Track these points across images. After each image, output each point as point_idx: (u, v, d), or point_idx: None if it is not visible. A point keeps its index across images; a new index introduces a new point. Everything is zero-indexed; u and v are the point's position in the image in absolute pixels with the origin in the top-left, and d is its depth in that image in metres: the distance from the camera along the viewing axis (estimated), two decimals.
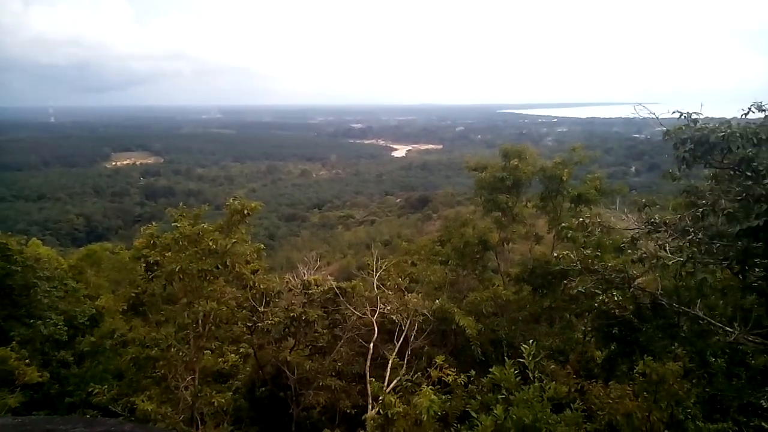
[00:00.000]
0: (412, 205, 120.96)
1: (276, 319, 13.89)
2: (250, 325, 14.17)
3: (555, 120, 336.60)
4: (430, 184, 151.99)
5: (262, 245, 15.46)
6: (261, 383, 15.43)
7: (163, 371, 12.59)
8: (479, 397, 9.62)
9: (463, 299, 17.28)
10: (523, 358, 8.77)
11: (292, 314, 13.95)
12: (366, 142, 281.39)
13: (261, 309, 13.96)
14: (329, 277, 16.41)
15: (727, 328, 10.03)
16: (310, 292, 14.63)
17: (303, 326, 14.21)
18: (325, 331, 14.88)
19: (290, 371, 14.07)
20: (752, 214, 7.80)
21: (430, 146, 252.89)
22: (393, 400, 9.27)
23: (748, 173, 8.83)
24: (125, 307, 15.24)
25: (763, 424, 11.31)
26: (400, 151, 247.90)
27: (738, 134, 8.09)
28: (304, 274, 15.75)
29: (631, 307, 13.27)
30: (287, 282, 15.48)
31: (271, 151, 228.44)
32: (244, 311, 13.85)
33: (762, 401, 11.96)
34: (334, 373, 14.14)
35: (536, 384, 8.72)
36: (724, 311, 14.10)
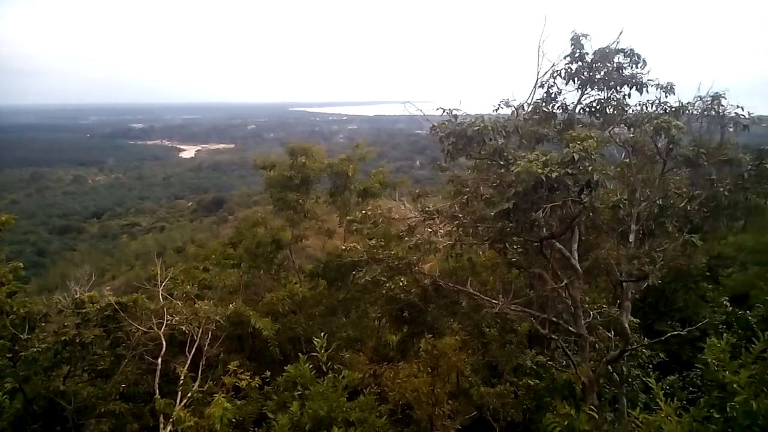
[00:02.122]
0: (206, 208, 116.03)
1: (44, 346, 12.24)
2: (10, 356, 12.28)
3: (345, 118, 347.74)
4: (224, 185, 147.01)
5: (22, 264, 13.52)
6: (32, 420, 13.46)
7: None
8: (276, 397, 9.55)
9: (260, 301, 17.01)
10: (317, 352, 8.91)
11: (63, 338, 12.40)
12: (149, 142, 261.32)
13: (24, 336, 12.17)
14: (108, 293, 14.92)
15: (494, 301, 11.28)
16: (84, 311, 13.12)
17: (78, 350, 12.71)
18: (106, 351, 13.51)
19: (66, 401, 12.50)
20: (505, 198, 8.78)
21: (222, 146, 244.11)
22: (183, 415, 8.74)
23: (501, 162, 9.97)
24: None
25: (529, 381, 12.95)
26: (189, 151, 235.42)
27: (489, 128, 9.06)
28: (76, 292, 14.09)
29: (415, 290, 14.27)
30: (57, 302, 13.72)
31: (35, 156, 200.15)
32: (1, 341, 11.96)
33: (528, 361, 13.70)
34: (119, 397, 12.92)
35: (330, 375, 8.92)
36: (494, 286, 15.84)
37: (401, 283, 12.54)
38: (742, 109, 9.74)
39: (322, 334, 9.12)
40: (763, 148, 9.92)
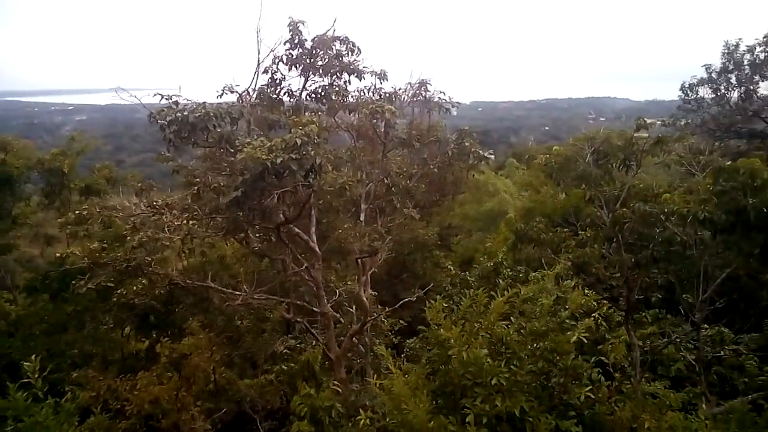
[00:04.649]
0: None
1: None
2: None
3: (71, 108, 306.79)
4: None
5: None
6: None
7: None
8: None
9: None
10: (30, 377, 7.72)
11: None
12: None
13: None
14: None
15: (236, 292, 11.02)
16: None
17: None
18: None
19: None
20: (234, 186, 8.52)
21: None
22: None
23: (231, 149, 9.66)
24: None
25: (283, 366, 13.03)
26: None
27: (212, 114, 8.68)
28: None
29: (158, 292, 13.29)
30: None
31: None
32: None
33: (280, 347, 13.79)
34: None
35: (49, 401, 7.81)
36: (245, 277, 15.55)
37: (136, 288, 11.50)
38: (444, 93, 10.94)
39: (35, 356, 7.88)
40: (462, 129, 11.29)
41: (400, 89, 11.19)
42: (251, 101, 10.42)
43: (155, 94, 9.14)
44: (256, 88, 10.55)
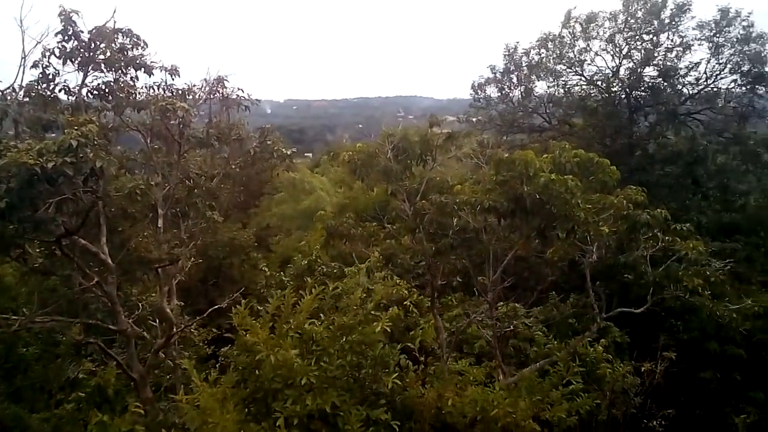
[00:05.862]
0: None
1: None
2: None
3: None
4: None
5: None
6: None
7: None
8: None
9: None
10: None
11: None
12: None
13: None
14: None
15: (14, 317, 9.74)
16: None
17: None
18: None
19: None
20: None
21: None
22: None
23: None
24: None
25: (80, 393, 11.73)
26: None
27: None
28: None
29: None
30: None
31: None
32: None
33: (74, 373, 12.43)
34: None
35: None
36: (29, 298, 13.77)
37: None
38: (243, 91, 10.64)
39: None
40: (265, 127, 11.09)
41: (195, 86, 10.63)
42: (19, 99, 9.13)
43: None
44: (24, 85, 9.28)
